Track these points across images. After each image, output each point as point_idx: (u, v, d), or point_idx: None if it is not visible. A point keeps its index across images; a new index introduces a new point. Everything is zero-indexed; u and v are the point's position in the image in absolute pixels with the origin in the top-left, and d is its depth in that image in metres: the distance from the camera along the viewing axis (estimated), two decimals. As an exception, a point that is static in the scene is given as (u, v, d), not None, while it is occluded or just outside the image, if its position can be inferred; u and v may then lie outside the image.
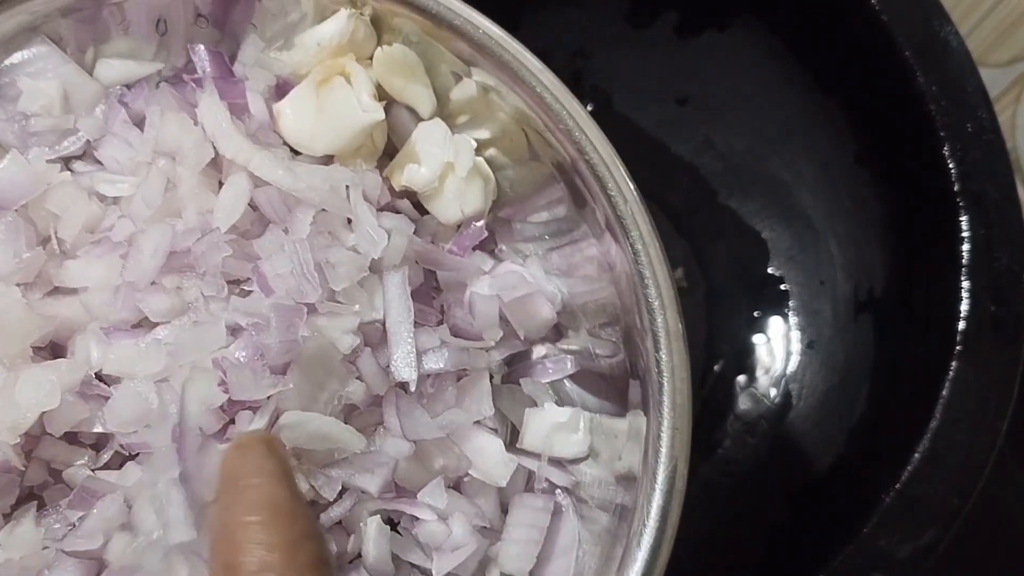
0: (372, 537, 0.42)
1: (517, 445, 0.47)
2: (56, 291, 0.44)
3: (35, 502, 0.42)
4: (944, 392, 0.53)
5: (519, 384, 0.48)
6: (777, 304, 0.67)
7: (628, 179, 0.44)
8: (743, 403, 0.66)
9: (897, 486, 0.52)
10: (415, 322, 0.44)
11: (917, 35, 0.57)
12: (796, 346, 0.66)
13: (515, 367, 0.49)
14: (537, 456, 0.47)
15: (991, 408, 0.53)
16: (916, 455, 0.52)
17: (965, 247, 0.54)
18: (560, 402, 0.49)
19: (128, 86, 0.48)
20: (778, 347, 0.66)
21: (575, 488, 0.47)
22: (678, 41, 0.67)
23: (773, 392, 0.66)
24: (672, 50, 0.67)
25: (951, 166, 0.55)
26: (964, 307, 0.54)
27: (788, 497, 0.62)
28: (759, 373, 0.66)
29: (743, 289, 0.68)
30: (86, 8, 0.46)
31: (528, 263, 0.49)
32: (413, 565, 0.45)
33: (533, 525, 0.45)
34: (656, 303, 0.43)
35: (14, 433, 0.40)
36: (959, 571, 0.58)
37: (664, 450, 0.42)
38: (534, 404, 0.48)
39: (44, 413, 0.40)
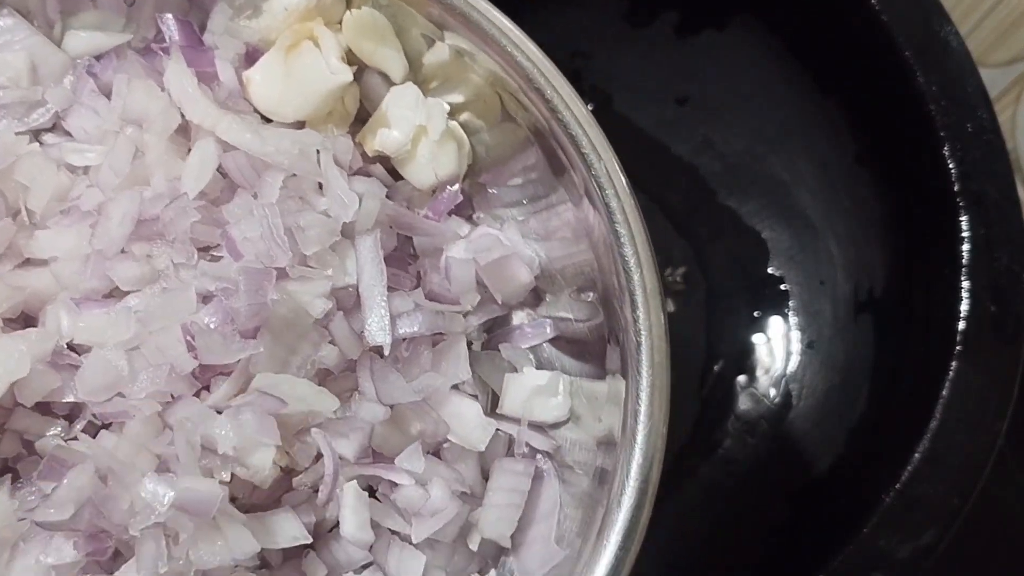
0: (350, 504, 0.42)
1: (497, 411, 0.47)
2: (27, 263, 0.44)
3: (9, 475, 0.42)
4: (944, 392, 0.53)
5: (499, 350, 0.48)
6: (777, 304, 0.67)
7: (603, 138, 0.44)
8: (743, 403, 0.66)
9: (897, 486, 0.53)
10: (389, 287, 0.43)
11: (917, 35, 0.57)
12: (796, 346, 0.66)
13: (494, 333, 0.49)
14: (517, 421, 0.46)
15: (991, 408, 0.53)
16: (916, 455, 0.53)
17: (965, 247, 0.54)
18: (540, 367, 0.48)
19: (97, 57, 0.47)
20: (778, 347, 0.66)
21: (556, 452, 0.46)
22: (678, 41, 0.67)
23: (773, 392, 0.66)
24: (672, 50, 0.67)
25: (951, 166, 0.55)
26: (964, 307, 0.54)
27: (788, 497, 0.63)
28: (759, 373, 0.66)
29: (743, 289, 0.68)
30: (53, -21, 0.45)
31: (505, 227, 0.49)
32: (392, 532, 0.44)
33: (514, 489, 0.45)
34: (632, 261, 0.43)
35: (-16, 402, 0.39)
36: (959, 571, 0.59)
37: (643, 409, 0.41)
38: (514, 370, 0.48)
39: (15, 383, 0.40)
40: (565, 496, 0.45)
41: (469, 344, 0.47)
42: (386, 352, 0.43)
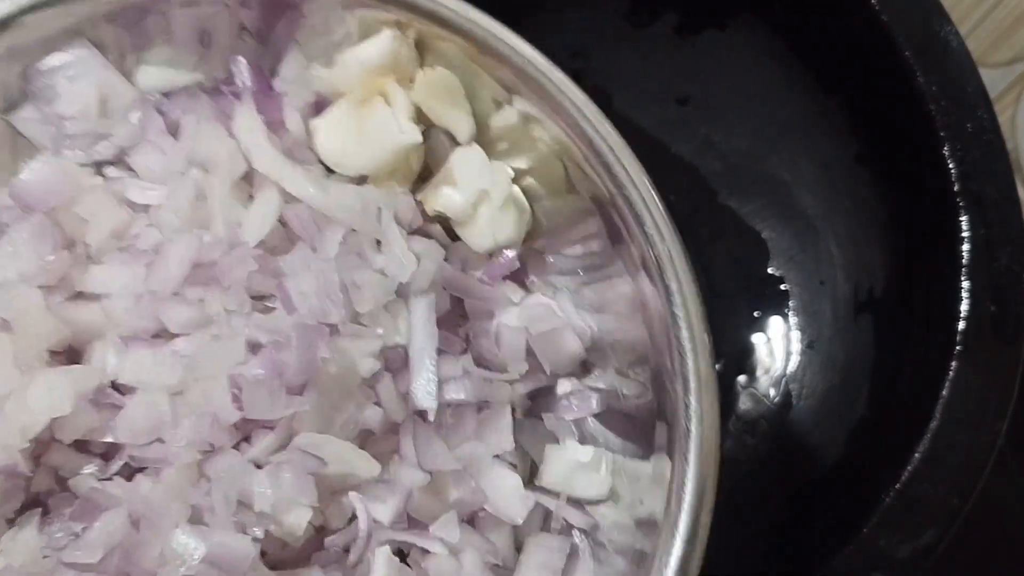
0: (381, 569, 0.41)
1: (536, 482, 0.46)
2: (78, 296, 0.44)
3: (39, 509, 0.42)
4: (944, 392, 0.52)
5: (541, 419, 0.47)
6: (777, 304, 0.66)
7: (666, 217, 0.43)
8: (743, 403, 0.65)
9: (897, 486, 0.52)
10: (438, 349, 0.43)
11: (917, 35, 0.57)
12: (796, 346, 0.65)
13: (538, 401, 0.48)
14: (556, 495, 0.45)
15: (991, 408, 0.52)
16: (916, 455, 0.52)
17: (965, 247, 0.54)
18: (583, 440, 0.48)
19: (166, 95, 0.47)
20: (778, 347, 0.66)
21: (593, 530, 0.45)
22: (678, 41, 0.67)
23: (773, 392, 0.65)
24: (672, 50, 0.67)
25: (951, 166, 0.55)
26: (964, 307, 0.53)
27: (788, 497, 0.62)
28: (759, 373, 0.66)
29: (743, 289, 0.67)
30: (130, 15, 0.46)
31: (559, 296, 0.48)
32: None
33: (547, 566, 0.44)
34: (688, 346, 0.42)
35: (24, 437, 0.39)
36: (959, 571, 0.58)
37: (688, 498, 0.41)
38: (556, 441, 0.47)
39: (55, 419, 0.39)
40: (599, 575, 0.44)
41: (512, 411, 0.46)
42: (431, 417, 0.42)
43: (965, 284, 0.54)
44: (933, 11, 0.57)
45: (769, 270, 0.67)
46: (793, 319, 0.66)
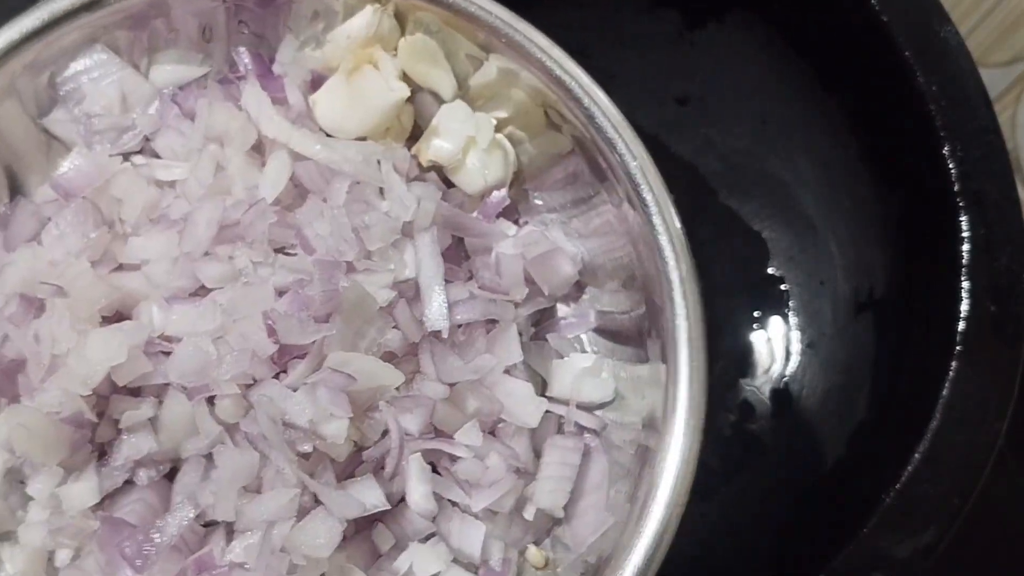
0: (415, 475, 0.45)
1: (546, 394, 0.50)
2: (120, 267, 0.49)
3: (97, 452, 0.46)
4: (944, 392, 0.53)
5: (546, 340, 0.52)
6: (777, 304, 0.67)
7: (636, 139, 0.48)
8: (743, 403, 0.66)
9: (897, 486, 0.52)
10: (445, 279, 0.48)
11: (917, 35, 0.57)
12: (796, 346, 0.66)
13: (541, 326, 0.53)
14: (566, 403, 0.50)
15: (991, 408, 0.53)
16: (916, 455, 0.52)
17: (965, 247, 0.54)
18: (587, 355, 0.52)
19: (180, 88, 0.53)
20: (778, 347, 0.66)
21: (602, 431, 0.50)
22: (678, 41, 0.68)
23: (773, 392, 0.65)
24: (672, 50, 0.68)
25: (951, 166, 0.55)
26: (964, 307, 0.54)
27: (789, 497, 0.62)
28: (759, 373, 0.66)
29: (743, 289, 0.67)
30: (137, 18, 0.51)
31: (549, 228, 0.53)
32: (453, 503, 0.48)
33: (565, 463, 0.48)
34: (668, 249, 0.46)
35: (86, 385, 0.44)
36: (959, 571, 0.58)
37: (682, 387, 0.44)
38: (561, 358, 0.52)
39: (113, 368, 0.44)
40: (612, 470, 0.48)
41: (519, 334, 0.50)
42: (444, 336, 0.47)
43: (965, 284, 0.54)
44: (933, 11, 0.57)
45: (769, 270, 0.67)
46: (793, 319, 0.66)
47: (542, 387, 0.51)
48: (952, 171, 0.55)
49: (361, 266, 0.46)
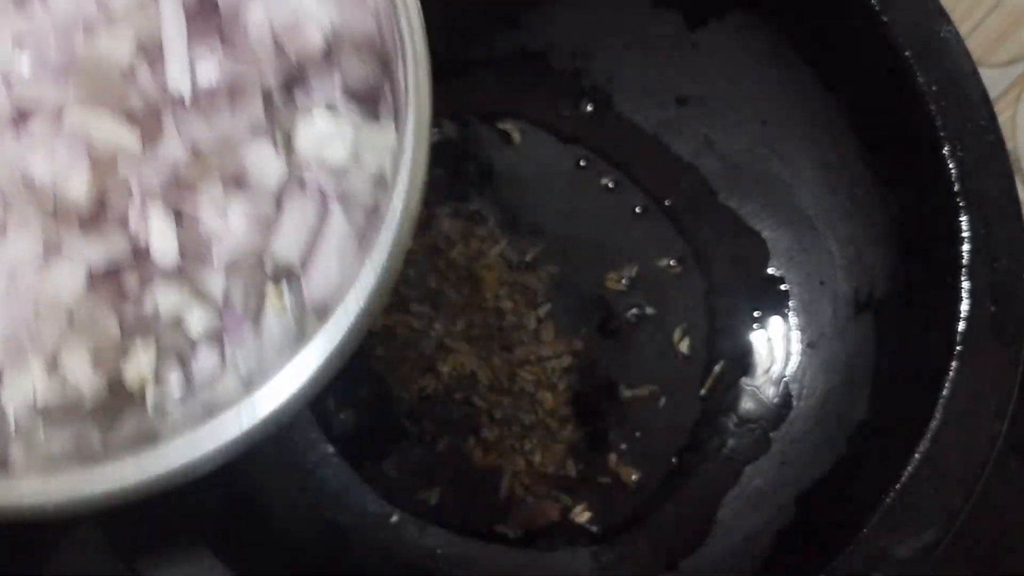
0: (157, 226, 0.43)
1: (290, 155, 0.48)
2: None
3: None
4: (944, 392, 0.53)
5: (295, 103, 0.49)
6: (777, 304, 0.67)
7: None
8: (743, 403, 0.66)
9: (897, 486, 0.52)
10: (193, 43, 0.46)
11: (917, 35, 0.58)
12: (796, 346, 0.66)
13: (291, 92, 0.50)
14: (308, 163, 0.48)
15: (991, 408, 0.53)
16: (916, 455, 0.52)
17: (965, 247, 0.55)
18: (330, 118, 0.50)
19: None
20: (778, 347, 0.67)
21: (340, 190, 0.48)
22: (679, 41, 0.69)
23: (773, 392, 0.66)
24: (672, 50, 0.69)
25: (951, 166, 0.56)
26: (964, 307, 0.54)
27: (788, 497, 0.61)
28: (759, 373, 0.67)
29: (743, 289, 0.68)
30: None
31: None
32: (197, 256, 0.45)
33: (303, 223, 0.46)
34: (406, 30, 0.46)
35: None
36: (959, 571, 0.60)
37: (408, 153, 0.45)
38: (305, 121, 0.48)
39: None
40: (347, 228, 0.47)
41: (265, 97, 0.48)
42: (187, 100, 0.45)
43: (965, 284, 0.54)
44: (933, 11, 0.59)
45: (769, 270, 0.68)
46: (793, 319, 0.67)
47: (287, 149, 0.49)
48: (952, 171, 0.56)
49: (102, 26, 0.44)
